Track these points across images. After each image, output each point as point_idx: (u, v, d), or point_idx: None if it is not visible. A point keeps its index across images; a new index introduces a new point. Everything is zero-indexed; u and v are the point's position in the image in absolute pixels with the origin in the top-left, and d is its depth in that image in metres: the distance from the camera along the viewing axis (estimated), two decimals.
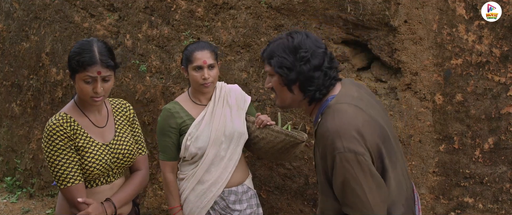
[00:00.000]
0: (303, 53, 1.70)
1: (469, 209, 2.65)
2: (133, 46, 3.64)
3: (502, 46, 2.49)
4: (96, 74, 1.93)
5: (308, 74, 1.71)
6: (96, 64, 1.93)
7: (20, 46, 4.56)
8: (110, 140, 2.10)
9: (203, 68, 2.44)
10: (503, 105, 2.52)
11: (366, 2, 2.71)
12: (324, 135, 1.63)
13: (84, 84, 1.95)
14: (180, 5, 3.39)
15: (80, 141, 1.99)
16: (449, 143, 2.64)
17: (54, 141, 1.93)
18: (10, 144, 4.79)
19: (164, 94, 3.48)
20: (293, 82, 1.73)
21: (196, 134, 2.48)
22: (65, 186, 1.96)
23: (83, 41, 2.00)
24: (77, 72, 1.94)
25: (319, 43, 1.75)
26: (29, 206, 4.41)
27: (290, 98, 1.80)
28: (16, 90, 4.67)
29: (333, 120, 1.64)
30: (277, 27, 3.02)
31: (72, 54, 1.96)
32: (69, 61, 1.97)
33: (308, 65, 1.70)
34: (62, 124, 1.96)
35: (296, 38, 1.73)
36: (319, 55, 1.72)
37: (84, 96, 1.98)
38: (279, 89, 1.79)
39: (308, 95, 1.75)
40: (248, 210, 2.61)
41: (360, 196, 1.61)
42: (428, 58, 2.63)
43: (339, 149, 1.59)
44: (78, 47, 1.96)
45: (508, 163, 2.56)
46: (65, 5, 4.08)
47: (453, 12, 2.56)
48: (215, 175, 2.51)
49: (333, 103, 1.72)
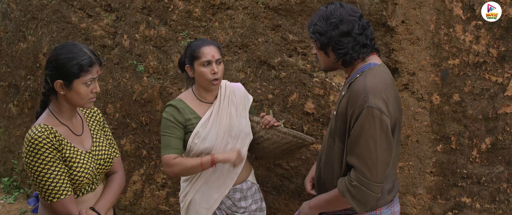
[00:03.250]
0: (332, 19, 1.88)
1: (466, 209, 2.65)
2: (130, 47, 3.64)
3: (499, 47, 2.50)
4: (96, 74, 1.94)
5: (337, 39, 1.89)
6: (95, 64, 1.93)
7: (17, 46, 4.55)
8: (90, 147, 2.07)
9: (212, 63, 2.38)
10: (500, 106, 2.53)
11: (363, 3, 2.71)
12: (359, 88, 1.82)
13: (84, 88, 1.92)
14: (177, 5, 3.39)
15: (66, 151, 1.94)
16: (446, 143, 2.64)
17: (42, 155, 1.85)
18: (7, 144, 4.78)
19: (162, 95, 3.47)
20: (326, 46, 1.93)
21: (204, 134, 2.41)
22: (58, 199, 1.89)
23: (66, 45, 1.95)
24: (78, 77, 1.90)
25: (353, 12, 1.92)
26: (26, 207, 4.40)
27: (327, 61, 1.99)
28: (13, 90, 4.66)
29: (373, 79, 1.85)
30: (274, 28, 3.02)
31: (66, 60, 1.89)
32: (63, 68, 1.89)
33: (336, 30, 1.88)
34: (47, 135, 1.87)
35: (329, 7, 1.93)
36: (350, 22, 1.89)
37: (82, 100, 1.94)
38: (318, 53, 2.00)
39: (340, 58, 1.93)
40: (253, 205, 2.60)
41: (370, 148, 1.79)
42: (425, 58, 2.63)
43: (369, 103, 1.77)
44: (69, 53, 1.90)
45: (505, 163, 2.56)
46: (62, 5, 4.07)
47: (450, 13, 2.56)
48: (222, 176, 2.47)
49: (376, 68, 1.92)
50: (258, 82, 3.09)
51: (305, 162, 2.98)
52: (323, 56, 1.99)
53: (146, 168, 3.62)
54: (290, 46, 2.99)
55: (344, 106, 1.88)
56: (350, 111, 1.84)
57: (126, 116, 3.68)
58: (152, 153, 3.58)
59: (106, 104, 3.79)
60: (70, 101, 1.97)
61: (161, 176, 3.53)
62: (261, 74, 3.08)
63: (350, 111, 1.84)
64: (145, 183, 3.64)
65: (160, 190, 3.56)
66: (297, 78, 2.95)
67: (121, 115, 3.70)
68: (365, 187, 1.82)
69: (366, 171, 1.81)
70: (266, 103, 3.07)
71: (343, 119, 1.90)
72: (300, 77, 2.95)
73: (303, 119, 2.97)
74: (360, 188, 1.82)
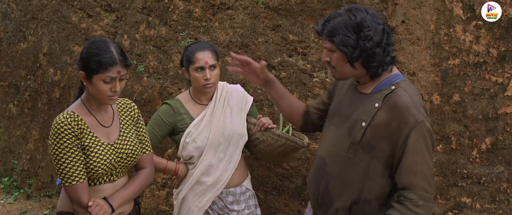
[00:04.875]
0: (367, 32, 1.76)
1: (466, 209, 2.65)
2: (130, 47, 3.64)
3: (499, 47, 2.50)
4: (117, 74, 1.96)
5: (371, 51, 1.77)
6: (116, 65, 1.96)
7: (18, 46, 4.55)
8: (115, 139, 2.11)
9: (205, 69, 2.42)
10: (500, 106, 2.53)
11: (363, 3, 2.71)
12: (408, 103, 1.74)
13: (103, 85, 1.97)
14: (177, 5, 3.39)
15: (86, 140, 2.01)
16: (446, 143, 2.64)
17: (62, 139, 1.95)
18: (8, 144, 4.78)
19: (162, 95, 3.48)
20: (357, 60, 1.80)
21: (195, 134, 2.46)
22: (70, 184, 1.97)
23: (97, 41, 2.02)
24: (97, 73, 1.95)
25: (378, 19, 1.81)
26: (26, 207, 4.40)
27: (352, 73, 1.86)
28: (14, 90, 4.66)
29: (415, 92, 1.81)
30: (274, 28, 3.02)
31: (90, 55, 1.97)
32: (86, 62, 1.97)
33: (371, 42, 1.76)
34: (70, 122, 1.97)
35: (358, 16, 1.78)
36: (380, 32, 1.79)
37: (101, 95, 2.00)
38: (340, 65, 1.85)
39: (371, 71, 1.83)
40: (246, 210, 2.60)
41: (428, 163, 1.75)
42: (425, 58, 2.63)
43: (422, 118, 1.73)
44: (95, 48, 1.98)
45: (505, 163, 2.56)
46: (62, 5, 4.08)
47: (450, 13, 2.56)
48: (214, 177, 2.49)
49: (407, 79, 1.87)
50: None
51: (305, 162, 2.98)
52: (346, 68, 1.84)
53: None
54: (290, 46, 2.99)
55: (384, 120, 1.77)
56: (396, 126, 1.74)
57: None
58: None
59: None
60: (92, 95, 2.03)
61: (161, 176, 3.53)
62: None
63: (397, 126, 1.74)
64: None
65: (160, 190, 3.56)
66: (297, 78, 2.96)
67: None
68: (430, 202, 1.76)
69: (427, 186, 1.74)
70: (266, 104, 3.07)
71: (380, 133, 1.78)
72: (300, 77, 2.95)
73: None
74: (427, 206, 1.75)
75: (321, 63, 2.91)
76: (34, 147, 4.47)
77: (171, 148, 3.45)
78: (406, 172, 1.75)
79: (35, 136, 4.45)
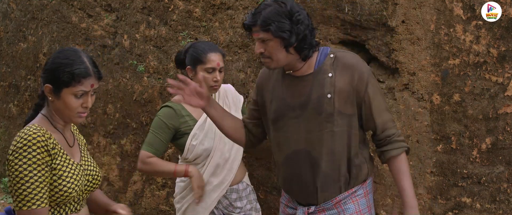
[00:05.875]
0: (297, 16, 1.90)
1: (466, 209, 2.65)
2: (130, 47, 3.64)
3: (500, 46, 2.50)
4: (90, 88, 1.75)
5: (303, 34, 1.92)
6: (90, 77, 1.74)
7: (18, 46, 4.55)
8: (79, 160, 1.87)
9: (216, 71, 2.42)
10: (501, 106, 2.53)
11: (363, 3, 2.71)
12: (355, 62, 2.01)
13: (73, 99, 1.74)
14: (177, 5, 3.39)
15: (58, 158, 1.74)
16: (446, 143, 2.64)
17: (30, 153, 1.65)
18: (8, 144, 4.77)
19: (162, 95, 3.48)
20: (292, 44, 1.92)
21: (201, 136, 2.45)
22: (29, 208, 1.64)
23: (66, 50, 1.80)
24: (67, 86, 1.72)
25: (300, 4, 2.01)
26: None
27: (286, 59, 1.96)
28: (14, 91, 4.66)
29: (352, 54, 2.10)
30: None
31: (59, 65, 1.73)
32: (55, 73, 1.72)
33: (303, 25, 1.91)
34: (43, 134, 1.69)
35: (287, 3, 1.91)
36: (306, 16, 1.95)
37: (70, 112, 1.76)
38: (275, 53, 1.94)
39: (304, 53, 1.96)
40: (248, 205, 2.63)
41: (385, 99, 2.10)
42: (425, 58, 2.63)
43: (367, 66, 2.04)
44: (65, 58, 1.74)
45: (505, 163, 2.56)
46: (62, 5, 4.08)
47: (450, 12, 2.56)
48: (220, 177, 2.49)
49: (335, 48, 2.11)
50: None
51: None
52: (282, 55, 1.94)
53: None
54: None
55: (345, 82, 1.97)
56: (357, 82, 1.97)
57: (126, 116, 3.68)
58: None
59: (106, 104, 3.79)
60: (57, 111, 1.78)
61: None
62: None
63: (357, 82, 1.97)
64: (145, 183, 3.64)
65: (160, 190, 3.56)
66: None
67: (121, 115, 3.71)
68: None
69: (391, 116, 2.09)
70: None
71: (345, 95, 1.97)
72: None
73: None
74: (400, 133, 2.09)
75: None
76: None
77: (171, 148, 3.45)
78: (378, 113, 2.01)
79: None
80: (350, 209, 2.06)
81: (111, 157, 3.81)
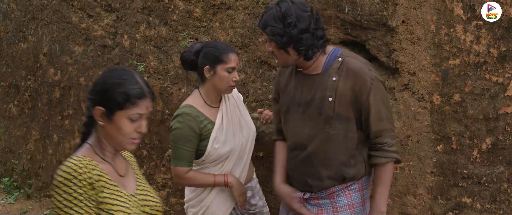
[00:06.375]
0: (289, 19, 1.94)
1: (467, 209, 2.65)
2: (130, 47, 3.64)
3: (500, 47, 2.50)
4: (145, 111, 1.58)
5: (297, 37, 1.96)
6: (146, 98, 1.58)
7: (18, 46, 4.55)
8: (133, 190, 1.68)
9: (235, 70, 2.41)
10: (501, 106, 2.53)
11: (364, 3, 2.71)
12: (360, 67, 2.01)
13: (127, 123, 1.57)
14: (177, 5, 3.39)
15: (105, 191, 1.55)
16: (447, 143, 2.64)
17: (71, 188, 1.48)
18: (8, 144, 4.78)
19: (162, 95, 3.47)
20: (287, 45, 1.99)
21: (222, 138, 2.40)
22: None
23: (117, 69, 1.64)
24: (121, 108, 1.55)
25: (304, 7, 1.99)
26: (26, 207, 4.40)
27: (288, 58, 2.06)
28: (14, 91, 4.66)
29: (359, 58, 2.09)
30: None
31: (112, 85, 1.57)
32: (107, 94, 1.56)
33: (296, 29, 1.95)
34: (85, 166, 1.52)
35: (282, 6, 1.97)
36: (305, 18, 1.97)
37: (123, 137, 1.59)
38: (277, 52, 2.05)
39: (302, 54, 2.01)
40: (260, 201, 2.66)
41: (388, 109, 2.09)
42: (425, 58, 2.63)
43: (374, 75, 2.02)
44: (118, 78, 1.58)
45: (506, 163, 2.56)
46: (62, 5, 4.08)
47: (450, 13, 2.56)
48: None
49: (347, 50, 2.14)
50: (258, 82, 3.09)
51: None
52: (283, 55, 2.05)
53: (147, 168, 3.62)
54: None
55: (347, 88, 2.01)
56: (358, 88, 1.99)
57: None
58: (152, 153, 3.58)
59: None
60: (108, 137, 1.62)
61: (161, 176, 3.54)
62: (262, 74, 3.08)
63: (359, 88, 1.99)
64: None
65: (160, 190, 3.56)
66: None
67: None
68: (397, 137, 2.10)
69: (392, 126, 2.09)
70: (266, 104, 3.07)
71: (346, 100, 2.01)
72: None
73: None
74: (397, 143, 2.10)
75: None
76: (34, 147, 4.47)
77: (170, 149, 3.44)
78: (375, 121, 2.02)
79: (35, 136, 4.45)
80: (342, 201, 2.14)
81: None
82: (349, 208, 2.15)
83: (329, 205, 2.16)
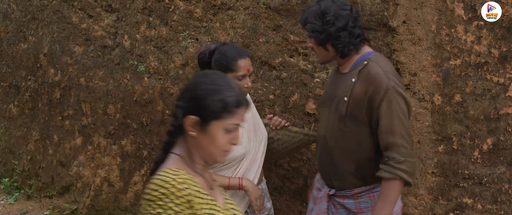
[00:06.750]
0: (328, 17, 2.01)
1: (468, 210, 2.64)
2: (131, 47, 3.63)
3: (501, 47, 2.49)
4: (241, 121, 1.47)
5: (335, 34, 2.03)
6: (242, 107, 1.46)
7: (18, 47, 4.55)
8: (223, 202, 1.56)
9: (246, 77, 2.28)
10: (502, 106, 2.52)
11: (364, 3, 2.71)
12: (379, 73, 1.99)
13: (222, 134, 1.44)
14: (178, 5, 3.39)
15: (204, 207, 1.41)
16: (448, 143, 2.64)
17: (168, 204, 1.34)
18: (8, 145, 4.77)
19: (163, 95, 3.47)
20: (325, 42, 2.07)
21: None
22: None
23: (212, 74, 1.51)
24: (218, 117, 1.42)
25: (344, 6, 2.06)
26: (27, 208, 4.39)
27: (327, 55, 2.13)
28: (14, 91, 4.65)
29: (386, 64, 2.06)
30: (275, 28, 3.02)
31: (207, 91, 1.43)
32: (202, 101, 1.42)
33: (334, 27, 2.02)
34: (185, 180, 1.38)
35: (323, 4, 2.05)
36: (344, 17, 2.03)
37: (216, 149, 1.46)
38: (317, 48, 2.13)
39: (339, 51, 2.08)
40: (268, 203, 2.62)
41: (404, 123, 1.99)
42: (426, 59, 2.62)
43: (392, 84, 1.97)
44: (213, 84, 1.45)
45: (507, 164, 2.55)
46: (63, 6, 4.07)
47: (451, 13, 2.56)
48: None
49: (379, 55, 2.14)
50: (259, 82, 3.08)
51: (306, 162, 2.97)
52: (322, 51, 2.12)
53: (147, 169, 3.61)
54: (291, 47, 2.98)
55: (361, 91, 2.02)
56: (371, 94, 1.99)
57: (126, 117, 3.67)
58: (153, 154, 3.58)
59: (107, 104, 3.78)
60: (199, 148, 1.47)
61: None
62: (262, 74, 3.08)
63: (372, 94, 1.99)
64: (146, 183, 3.63)
65: None
66: (298, 78, 2.95)
67: (122, 115, 3.70)
68: (411, 157, 2.01)
69: (406, 143, 1.98)
70: (267, 104, 3.06)
71: (359, 102, 2.03)
72: (301, 77, 2.94)
73: (304, 119, 2.96)
74: (409, 161, 1.99)
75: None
76: (35, 147, 4.46)
77: None
78: (385, 133, 1.99)
79: (36, 136, 4.45)
80: (366, 203, 2.16)
81: (111, 158, 3.81)
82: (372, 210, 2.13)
83: (353, 205, 2.18)
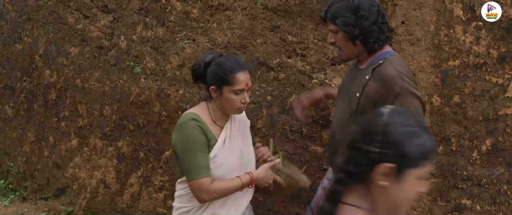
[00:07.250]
0: (363, 12, 2.05)
1: (466, 211, 2.63)
2: (127, 48, 3.61)
3: (500, 47, 2.49)
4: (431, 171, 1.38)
5: (368, 29, 2.06)
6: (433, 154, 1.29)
7: (13, 48, 4.51)
8: None
9: (244, 92, 2.16)
10: (501, 107, 2.52)
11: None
12: (393, 73, 1.99)
13: (416, 184, 1.26)
14: (175, 6, 3.36)
15: None
16: (446, 144, 2.63)
17: None
18: (3, 146, 4.74)
19: (159, 96, 3.45)
20: (357, 37, 2.08)
21: (220, 160, 2.17)
22: None
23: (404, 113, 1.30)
24: (416, 165, 1.23)
25: (373, 1, 2.10)
26: (22, 210, 4.36)
27: (353, 50, 2.13)
28: (9, 92, 4.62)
29: (402, 64, 2.07)
30: (273, 29, 3.00)
31: (404, 136, 1.23)
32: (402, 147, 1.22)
33: (367, 21, 2.05)
34: None
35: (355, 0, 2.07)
36: (375, 12, 2.08)
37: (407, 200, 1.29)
38: (343, 43, 2.13)
39: (369, 47, 2.10)
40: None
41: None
42: (425, 59, 2.62)
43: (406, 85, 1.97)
44: (408, 126, 1.24)
45: (505, 165, 2.55)
46: (58, 6, 4.04)
47: (450, 13, 2.55)
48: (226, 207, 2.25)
49: (397, 55, 2.15)
50: (257, 83, 3.07)
51: (304, 164, 2.96)
52: (350, 47, 2.12)
53: (144, 170, 3.59)
54: (289, 48, 2.97)
55: (373, 89, 2.03)
56: (383, 93, 1.99)
57: (123, 118, 3.65)
58: (149, 155, 3.56)
59: (103, 106, 3.76)
60: (387, 199, 1.26)
61: (158, 179, 3.51)
62: (260, 75, 3.06)
63: (384, 93, 1.99)
64: (143, 185, 3.61)
65: (157, 192, 3.53)
66: (296, 79, 2.93)
67: (118, 117, 3.67)
68: None
69: None
70: (264, 105, 3.04)
71: (370, 100, 2.03)
72: (299, 78, 2.93)
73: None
74: None
75: (320, 64, 2.89)
76: (30, 149, 4.43)
77: (168, 150, 3.42)
78: None
79: (31, 138, 4.41)
80: None
81: (107, 159, 3.78)
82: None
83: None
